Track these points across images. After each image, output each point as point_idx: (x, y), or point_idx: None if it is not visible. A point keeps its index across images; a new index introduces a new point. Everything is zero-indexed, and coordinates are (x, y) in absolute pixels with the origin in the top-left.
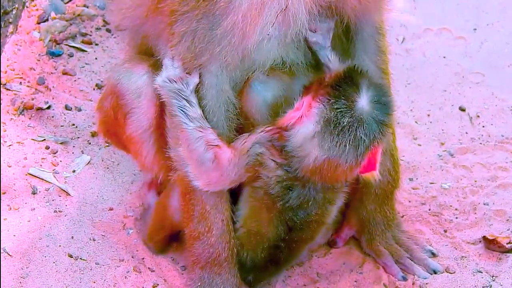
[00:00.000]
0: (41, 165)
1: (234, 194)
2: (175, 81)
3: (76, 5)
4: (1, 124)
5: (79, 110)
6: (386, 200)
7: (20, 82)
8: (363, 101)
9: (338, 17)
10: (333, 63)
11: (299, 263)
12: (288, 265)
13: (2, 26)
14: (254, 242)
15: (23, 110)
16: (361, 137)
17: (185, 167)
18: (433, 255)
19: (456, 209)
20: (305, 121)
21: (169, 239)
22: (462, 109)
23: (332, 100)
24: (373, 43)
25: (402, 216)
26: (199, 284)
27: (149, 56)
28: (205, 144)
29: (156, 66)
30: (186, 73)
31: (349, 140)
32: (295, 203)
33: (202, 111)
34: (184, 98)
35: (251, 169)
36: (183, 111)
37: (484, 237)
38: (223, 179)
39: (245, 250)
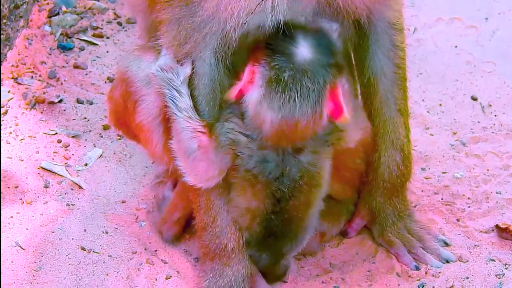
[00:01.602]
0: (53, 159)
1: None
2: (166, 71)
3: None
4: (13, 119)
5: (91, 103)
6: (395, 193)
7: (32, 76)
8: (301, 50)
9: (345, 16)
10: None
11: (311, 253)
12: (294, 238)
13: (13, 20)
14: (247, 220)
15: (34, 104)
16: (308, 86)
17: (176, 160)
18: (446, 244)
19: (468, 198)
20: (250, 88)
21: (183, 226)
22: (474, 99)
23: (268, 59)
24: (386, 38)
25: (415, 206)
26: (211, 275)
27: (158, 45)
28: (191, 133)
29: None
30: (178, 62)
31: (297, 93)
32: (275, 173)
33: (196, 100)
34: (174, 88)
35: (228, 149)
36: (173, 101)
37: (497, 226)
38: (211, 168)
39: (244, 229)
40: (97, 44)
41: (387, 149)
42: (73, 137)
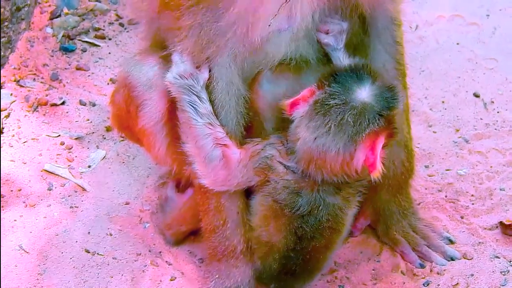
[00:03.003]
0: (56, 161)
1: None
2: (185, 77)
3: (89, 0)
4: (16, 121)
5: (94, 105)
6: (400, 190)
7: (34, 79)
8: (362, 90)
9: (352, 13)
10: (344, 64)
11: None
12: (308, 277)
13: (15, 22)
14: (264, 251)
15: (37, 107)
16: (350, 122)
17: (192, 163)
18: (451, 242)
19: (472, 195)
20: (301, 104)
21: (188, 232)
22: (476, 95)
23: (327, 84)
24: (388, 34)
25: (419, 204)
26: (216, 276)
27: (161, 49)
28: (213, 141)
29: (167, 59)
30: (196, 67)
31: (336, 122)
32: (304, 210)
33: (212, 105)
34: (195, 94)
35: (260, 172)
36: (193, 107)
37: (501, 223)
38: (229, 179)
39: (258, 259)
40: (99, 46)
41: (391, 146)
42: (76, 139)
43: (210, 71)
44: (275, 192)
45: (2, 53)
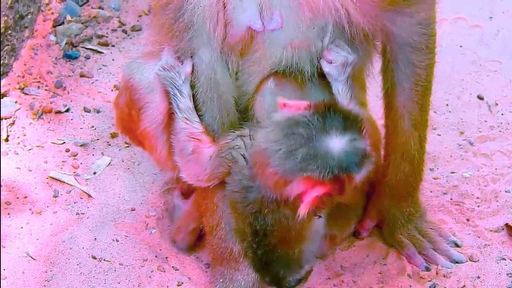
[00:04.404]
0: (61, 168)
1: None
2: (168, 70)
3: (92, 7)
4: (21, 129)
5: (98, 112)
6: (403, 199)
7: (38, 86)
8: (334, 141)
9: (362, 37)
10: (342, 98)
11: (322, 257)
12: (282, 265)
13: (18, 30)
14: (238, 238)
15: (42, 114)
16: (298, 155)
17: (174, 155)
18: (457, 245)
19: (477, 198)
20: (288, 111)
21: (197, 235)
22: (480, 98)
23: (312, 113)
24: (403, 57)
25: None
26: (221, 280)
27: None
28: (187, 135)
29: None
30: (179, 60)
31: (287, 146)
32: (253, 208)
33: (195, 100)
34: (176, 88)
35: (225, 163)
36: (175, 101)
37: (507, 225)
38: (202, 173)
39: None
40: (102, 53)
41: (395, 159)
42: (81, 146)
43: (193, 64)
44: (232, 183)
45: (6, 61)
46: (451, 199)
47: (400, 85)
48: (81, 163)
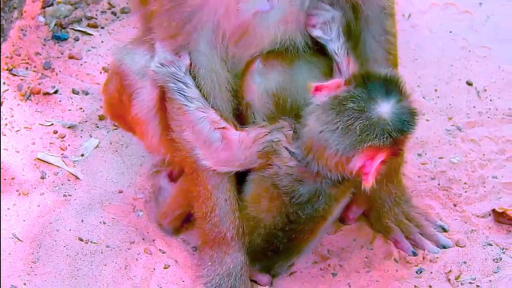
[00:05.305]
0: (49, 150)
1: (240, 174)
2: (167, 65)
3: None
4: (9, 110)
5: (86, 93)
6: (390, 179)
7: (27, 67)
8: (383, 106)
9: (343, 2)
10: (340, 57)
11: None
12: (289, 257)
13: (7, 11)
14: (250, 225)
15: (30, 95)
16: (357, 130)
17: (193, 150)
18: (444, 230)
19: (465, 183)
20: (324, 92)
21: (184, 219)
22: (469, 84)
23: (354, 86)
24: (377, 23)
25: (412, 192)
26: (209, 264)
27: (152, 38)
28: (209, 123)
29: None
30: (176, 54)
31: (344, 125)
32: (304, 198)
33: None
34: (180, 81)
35: (264, 155)
36: (181, 94)
37: (494, 210)
38: (232, 159)
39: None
40: (91, 34)
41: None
42: (69, 127)
43: (191, 57)
44: (277, 177)
45: None
46: (438, 184)
47: (373, 56)
48: (69, 145)
